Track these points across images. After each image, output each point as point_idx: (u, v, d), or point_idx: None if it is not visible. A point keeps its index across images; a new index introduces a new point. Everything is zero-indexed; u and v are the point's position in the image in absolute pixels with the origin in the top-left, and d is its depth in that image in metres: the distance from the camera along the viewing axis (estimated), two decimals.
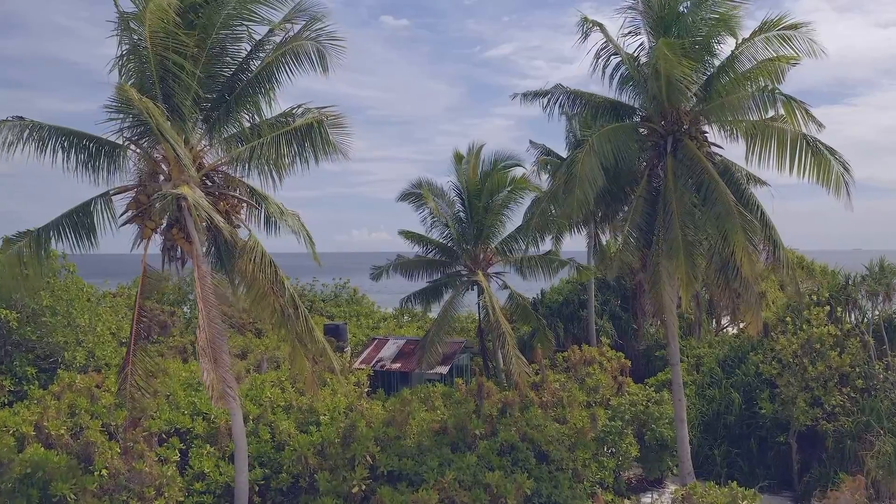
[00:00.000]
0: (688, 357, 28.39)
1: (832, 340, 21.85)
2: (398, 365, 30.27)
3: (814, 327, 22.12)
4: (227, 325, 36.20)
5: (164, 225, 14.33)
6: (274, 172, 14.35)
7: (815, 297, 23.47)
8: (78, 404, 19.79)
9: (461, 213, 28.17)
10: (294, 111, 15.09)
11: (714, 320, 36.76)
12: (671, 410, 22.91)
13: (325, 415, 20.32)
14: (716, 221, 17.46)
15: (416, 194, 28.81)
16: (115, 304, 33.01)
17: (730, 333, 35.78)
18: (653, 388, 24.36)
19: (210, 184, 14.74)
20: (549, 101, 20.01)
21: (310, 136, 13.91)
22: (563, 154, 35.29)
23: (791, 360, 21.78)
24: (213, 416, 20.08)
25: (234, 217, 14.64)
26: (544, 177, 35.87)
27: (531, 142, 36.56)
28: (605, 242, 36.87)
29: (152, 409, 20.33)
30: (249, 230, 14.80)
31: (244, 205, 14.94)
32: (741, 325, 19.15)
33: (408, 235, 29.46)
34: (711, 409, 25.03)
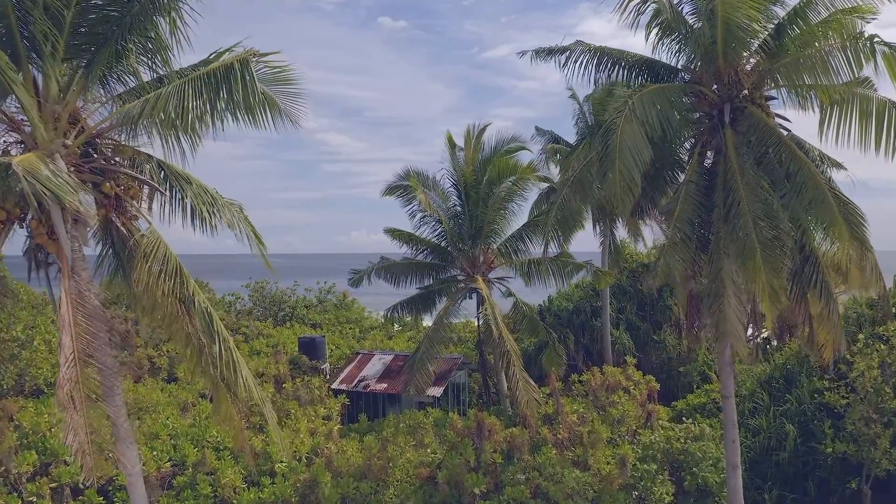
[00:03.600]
0: (716, 375, 24.06)
1: None
2: (384, 385, 26.03)
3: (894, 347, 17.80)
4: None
5: (31, 216, 9.95)
6: (182, 137, 9.90)
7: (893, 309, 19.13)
8: None
9: (457, 207, 23.78)
10: (221, 57, 10.63)
11: None
12: (713, 448, 18.65)
13: (282, 461, 15.99)
14: (794, 211, 13.10)
15: (403, 187, 24.33)
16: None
17: (751, 344, 31.55)
18: (690, 421, 19.97)
19: (96, 156, 10.31)
20: (567, 60, 15.51)
21: (227, 82, 9.39)
22: (573, 143, 30.96)
23: (870, 388, 17.35)
24: (143, 461, 15.87)
25: (129, 205, 10.22)
26: (553, 168, 31.54)
27: (537, 128, 31.99)
28: (618, 241, 32.49)
29: (64, 452, 16.21)
30: (150, 222, 10.34)
31: (146, 188, 10.50)
32: (821, 348, 14.64)
33: (394, 234, 25.00)
34: (758, 443, 20.75)
